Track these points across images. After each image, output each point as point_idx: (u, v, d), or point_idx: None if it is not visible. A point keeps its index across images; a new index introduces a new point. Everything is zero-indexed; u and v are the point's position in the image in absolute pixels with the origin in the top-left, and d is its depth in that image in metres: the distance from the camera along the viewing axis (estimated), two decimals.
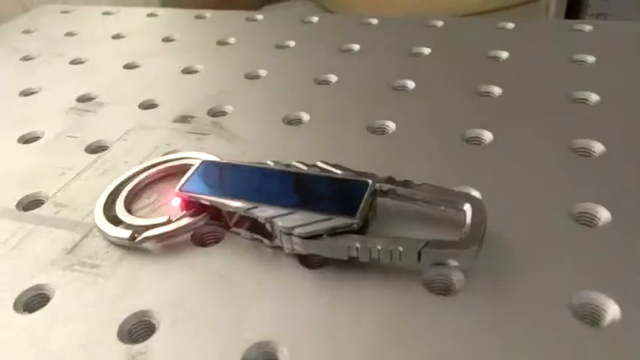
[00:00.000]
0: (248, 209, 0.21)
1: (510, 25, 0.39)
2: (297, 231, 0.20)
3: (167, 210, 0.24)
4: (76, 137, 0.30)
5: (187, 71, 0.37)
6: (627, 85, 0.30)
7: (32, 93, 0.36)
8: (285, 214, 0.21)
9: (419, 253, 0.19)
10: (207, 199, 0.22)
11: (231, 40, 0.42)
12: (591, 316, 0.18)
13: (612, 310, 0.18)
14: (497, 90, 0.31)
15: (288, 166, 0.23)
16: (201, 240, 0.23)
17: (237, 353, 0.17)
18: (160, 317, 0.19)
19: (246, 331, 0.18)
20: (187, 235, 0.23)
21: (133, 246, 0.22)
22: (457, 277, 0.20)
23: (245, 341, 0.18)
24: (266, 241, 0.21)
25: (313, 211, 0.20)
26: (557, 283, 0.19)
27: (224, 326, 0.18)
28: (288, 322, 0.18)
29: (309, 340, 0.18)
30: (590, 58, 0.33)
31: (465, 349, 0.17)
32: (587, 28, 0.37)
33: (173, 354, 0.18)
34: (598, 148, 0.25)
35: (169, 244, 0.22)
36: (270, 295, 0.20)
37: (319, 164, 0.23)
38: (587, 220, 0.21)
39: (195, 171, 0.24)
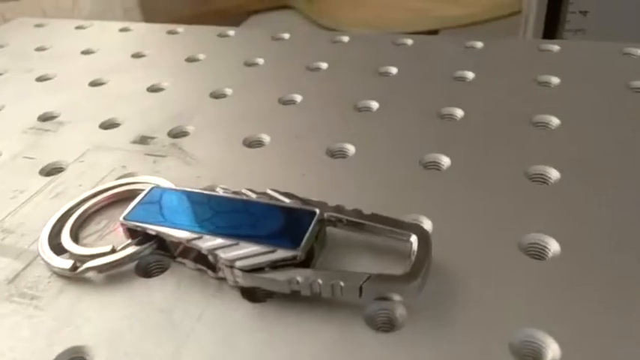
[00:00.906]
0: (191, 240, 0.21)
1: (479, 45, 0.39)
2: (238, 264, 0.19)
3: (115, 237, 0.23)
4: (32, 158, 0.30)
5: (153, 89, 0.37)
6: (590, 108, 0.30)
7: None
8: (229, 246, 0.20)
9: (360, 289, 0.19)
10: (152, 228, 0.22)
11: (201, 56, 0.42)
12: (532, 355, 0.17)
13: (553, 349, 0.17)
14: (459, 112, 0.31)
15: (237, 193, 0.23)
16: (145, 270, 0.22)
17: None
18: (94, 354, 0.19)
19: None
20: (132, 265, 0.22)
21: (75, 276, 0.22)
22: (400, 312, 0.19)
23: None
24: (210, 272, 0.21)
25: (257, 243, 0.20)
26: (499, 318, 0.18)
27: None
28: (225, 359, 0.18)
29: None
30: (555, 80, 0.33)
31: None
32: (555, 48, 0.37)
33: None
34: (554, 174, 0.25)
35: (113, 274, 0.22)
36: (209, 331, 0.19)
37: (269, 192, 0.23)
38: (537, 252, 0.21)
39: (142, 198, 0.23)
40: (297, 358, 0.18)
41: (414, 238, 0.20)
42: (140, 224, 0.22)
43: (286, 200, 0.22)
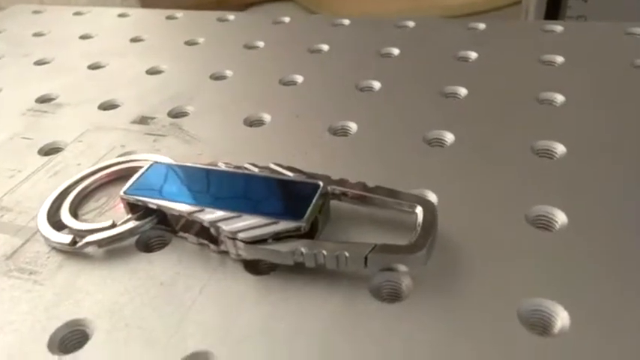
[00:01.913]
0: (193, 212, 0.20)
1: (482, 26, 0.38)
2: (240, 235, 0.19)
3: (115, 214, 0.23)
4: (30, 139, 0.30)
5: (152, 71, 0.37)
6: (594, 86, 0.30)
7: None
8: (231, 218, 0.20)
9: (365, 259, 0.18)
10: (153, 202, 0.21)
11: (200, 40, 0.41)
12: (541, 323, 0.17)
13: (562, 317, 0.17)
14: (463, 91, 0.30)
15: (239, 168, 0.23)
16: (146, 245, 0.22)
17: None
18: (95, 326, 0.18)
19: (182, 340, 0.17)
20: (132, 240, 0.22)
21: (74, 251, 0.21)
22: (406, 283, 0.19)
23: (180, 351, 0.17)
24: (212, 246, 0.21)
25: (259, 215, 0.20)
26: (508, 288, 0.18)
27: (160, 336, 0.18)
28: (227, 331, 0.18)
29: (247, 350, 0.17)
30: (559, 59, 0.33)
31: (412, 357, 0.16)
32: (559, 28, 0.37)
33: None
34: (560, 149, 0.25)
35: (113, 249, 0.21)
36: (212, 303, 0.19)
37: (271, 166, 0.23)
38: (544, 224, 0.21)
39: (142, 173, 0.23)
40: (302, 329, 0.17)
41: (419, 210, 0.20)
42: (141, 198, 0.21)
43: (289, 174, 0.22)
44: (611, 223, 0.20)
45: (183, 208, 0.21)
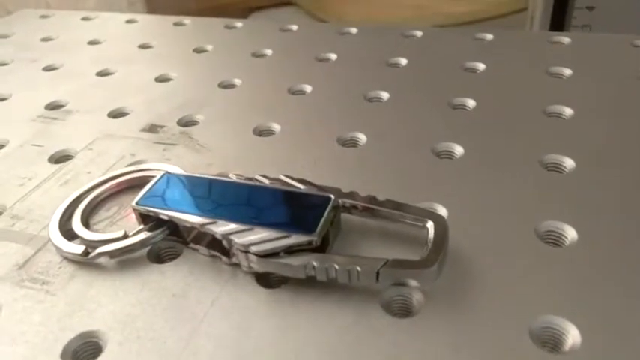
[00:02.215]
0: (205, 225, 0.20)
1: (489, 37, 0.38)
2: (253, 249, 0.19)
3: (126, 223, 0.23)
4: (41, 146, 0.30)
5: (161, 79, 0.37)
6: (602, 99, 0.30)
7: (1, 99, 0.36)
8: (243, 231, 0.20)
9: (377, 273, 0.18)
10: (165, 213, 0.21)
11: (209, 47, 0.41)
12: (552, 341, 0.17)
13: (573, 335, 0.17)
14: (471, 103, 0.31)
15: (251, 179, 0.23)
16: (158, 256, 0.22)
17: None
18: (107, 338, 0.18)
19: (193, 353, 0.17)
20: (144, 251, 0.22)
21: (86, 261, 0.21)
22: (417, 298, 0.19)
23: None
24: (224, 258, 0.21)
25: (272, 228, 0.20)
26: (519, 305, 0.18)
27: (172, 347, 0.18)
28: (238, 344, 0.18)
29: None
30: (567, 71, 0.33)
31: None
32: (566, 40, 0.37)
33: None
34: (569, 163, 0.25)
35: (125, 259, 0.21)
36: (224, 316, 0.19)
37: (282, 178, 0.23)
38: (554, 239, 0.21)
39: (154, 184, 0.23)
40: (312, 343, 0.18)
41: (430, 225, 0.20)
42: (152, 209, 0.22)
43: (300, 186, 0.22)
44: (621, 238, 0.20)
45: (195, 220, 0.21)
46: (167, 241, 0.22)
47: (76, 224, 0.23)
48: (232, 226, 0.20)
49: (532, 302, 0.18)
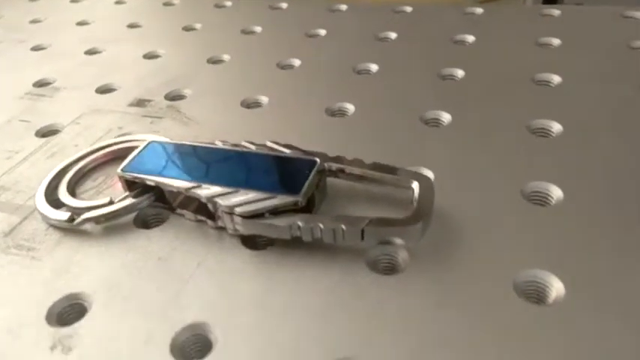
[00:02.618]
0: (190, 189, 0.20)
1: (479, 11, 0.38)
2: (238, 210, 0.19)
3: (113, 192, 0.23)
4: (28, 121, 0.30)
5: (149, 56, 0.37)
6: (590, 67, 0.30)
7: None
8: (228, 194, 0.20)
9: (362, 232, 0.18)
10: (150, 179, 0.21)
11: (198, 26, 0.41)
12: (536, 294, 0.17)
13: (557, 288, 0.17)
14: (460, 73, 0.30)
15: (236, 145, 0.23)
16: (144, 222, 0.22)
17: (166, 335, 0.17)
18: (92, 300, 0.18)
19: (179, 313, 0.17)
20: (130, 218, 0.22)
21: (72, 228, 0.21)
22: (402, 256, 0.19)
23: (177, 323, 0.17)
24: (210, 222, 0.21)
25: (256, 190, 0.20)
26: (503, 261, 0.18)
27: (157, 308, 0.18)
28: (224, 303, 0.18)
29: (244, 321, 0.17)
30: (556, 41, 0.33)
31: (409, 329, 0.16)
32: (556, 12, 0.37)
33: (100, 337, 0.17)
34: (556, 128, 0.25)
35: (110, 226, 0.21)
36: (209, 277, 0.19)
37: (268, 144, 0.23)
38: (540, 200, 0.21)
39: (140, 151, 0.23)
40: (299, 303, 0.18)
41: (415, 185, 0.20)
42: (138, 175, 0.21)
43: (286, 151, 0.22)
44: (606, 197, 0.20)
45: (180, 184, 0.21)
46: (153, 208, 0.22)
47: (62, 193, 0.23)
48: (217, 189, 0.20)
49: (517, 258, 0.18)
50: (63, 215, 0.21)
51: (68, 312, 0.18)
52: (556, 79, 0.29)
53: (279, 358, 0.16)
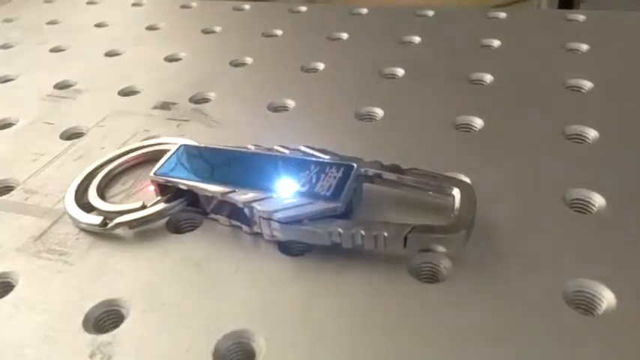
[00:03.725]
0: (226, 193, 0.20)
1: (502, 15, 0.38)
2: (276, 215, 0.19)
3: (143, 196, 0.23)
4: (52, 124, 0.29)
5: (170, 59, 0.36)
6: (621, 72, 0.29)
7: (9, 80, 0.35)
8: (265, 199, 0.19)
9: (405, 239, 0.18)
10: (184, 183, 0.21)
11: (217, 28, 0.41)
12: (586, 304, 0.17)
13: (608, 298, 0.17)
14: (488, 77, 0.30)
15: (270, 150, 0.22)
16: (176, 227, 0.22)
17: (209, 343, 0.16)
18: (130, 306, 0.18)
19: (219, 320, 0.17)
20: (162, 222, 0.21)
21: (104, 233, 0.21)
22: (445, 264, 0.19)
23: (218, 331, 0.17)
24: (245, 227, 0.20)
25: (294, 195, 0.19)
26: (551, 270, 0.18)
27: (197, 315, 0.17)
28: (265, 311, 0.17)
29: (288, 329, 0.17)
30: (584, 47, 0.32)
31: (454, 337, 0.16)
32: (581, 17, 0.36)
33: (140, 344, 0.17)
34: (592, 134, 0.24)
35: (143, 230, 0.21)
36: (248, 284, 0.18)
37: (302, 148, 0.22)
38: (582, 207, 0.21)
39: (172, 155, 0.22)
40: (341, 307, 0.17)
41: (456, 192, 0.20)
42: (172, 179, 0.21)
43: (322, 155, 0.22)
44: None
45: (215, 188, 0.20)
46: (186, 213, 0.22)
47: (92, 196, 0.22)
48: (254, 194, 0.20)
49: (564, 267, 0.18)
50: (95, 219, 0.21)
51: (105, 318, 0.18)
52: (587, 84, 0.28)
53: None
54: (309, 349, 0.16)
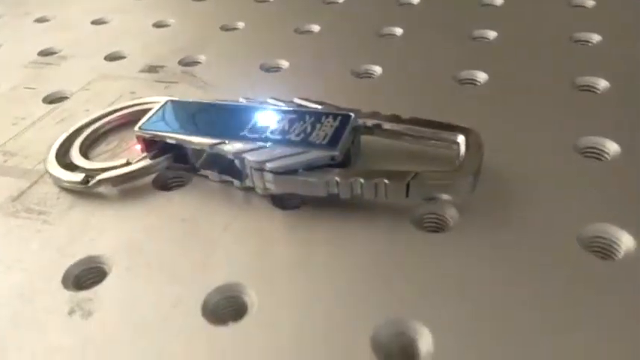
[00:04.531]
0: (215, 145, 0.19)
1: None
2: (269, 165, 0.18)
3: (129, 155, 0.21)
4: (34, 89, 0.28)
5: (159, 25, 0.35)
6: (629, 25, 0.28)
7: None
8: (257, 149, 0.18)
9: (407, 186, 0.17)
10: (171, 136, 0.20)
11: None
12: (603, 249, 0.16)
13: (626, 241, 0.15)
14: (492, 34, 0.29)
15: (262, 103, 0.21)
16: (164, 185, 0.20)
17: (197, 297, 0.15)
18: (112, 263, 0.17)
19: (208, 275, 0.16)
20: (148, 180, 0.20)
21: (86, 191, 0.20)
22: (450, 214, 0.17)
23: (207, 285, 0.15)
24: (236, 182, 0.19)
25: (288, 145, 0.18)
26: (564, 215, 0.17)
27: (184, 271, 0.16)
28: (258, 265, 0.16)
29: (281, 282, 0.15)
30: (590, 2, 0.31)
31: (462, 286, 0.15)
32: None
33: (123, 300, 0.15)
34: (602, 84, 0.23)
35: (128, 188, 0.20)
36: (239, 238, 0.17)
37: (297, 100, 0.21)
38: (595, 154, 0.19)
39: (158, 110, 0.21)
40: (343, 261, 0.16)
41: (461, 139, 0.18)
42: (158, 133, 0.20)
43: (317, 106, 0.20)
44: None
45: (203, 140, 0.19)
46: (174, 171, 0.20)
47: (75, 156, 0.21)
48: (244, 145, 0.18)
49: (579, 213, 0.17)
50: (77, 177, 0.20)
51: (86, 276, 0.17)
52: (595, 37, 0.27)
53: (325, 318, 0.14)
54: (308, 302, 0.15)
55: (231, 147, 0.18)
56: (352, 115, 0.19)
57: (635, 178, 0.18)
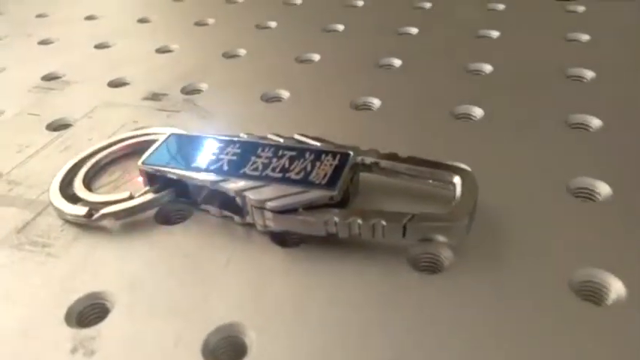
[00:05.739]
0: (216, 182, 0.19)
1: (501, 7, 0.37)
2: (269, 204, 0.18)
3: (131, 187, 0.22)
4: (37, 115, 0.28)
5: (162, 50, 0.35)
6: (623, 62, 0.29)
7: None
8: (257, 187, 0.19)
9: (404, 227, 0.17)
10: (173, 172, 0.20)
11: (210, 20, 0.40)
12: (594, 295, 0.16)
13: (616, 288, 0.16)
14: (488, 68, 0.29)
15: (263, 138, 0.22)
16: (166, 219, 0.21)
17: (197, 337, 0.15)
18: (115, 299, 0.17)
19: (209, 313, 0.16)
20: (150, 214, 0.20)
21: (90, 224, 0.20)
22: (446, 255, 0.18)
23: (208, 324, 0.16)
24: (237, 217, 0.20)
25: (288, 184, 0.19)
26: (556, 260, 0.17)
27: (185, 308, 0.16)
28: (257, 304, 0.17)
29: (280, 322, 0.16)
30: (585, 37, 0.32)
31: (456, 329, 0.15)
32: (580, 8, 0.36)
33: (126, 338, 0.16)
34: (595, 123, 0.24)
35: (130, 222, 0.20)
36: (239, 276, 0.18)
37: (296, 136, 0.21)
38: (586, 195, 0.20)
39: (161, 144, 0.22)
40: (337, 301, 0.16)
41: (457, 180, 0.19)
42: (160, 168, 0.20)
43: (317, 144, 0.21)
44: None
45: (205, 177, 0.19)
46: (176, 204, 0.21)
47: (78, 187, 0.21)
48: (246, 183, 0.19)
49: (569, 257, 0.17)
50: (80, 210, 0.20)
51: (89, 312, 0.17)
52: (589, 74, 0.28)
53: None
54: (305, 343, 0.15)
55: (232, 185, 0.19)
56: (351, 153, 0.20)
57: (626, 222, 0.18)
